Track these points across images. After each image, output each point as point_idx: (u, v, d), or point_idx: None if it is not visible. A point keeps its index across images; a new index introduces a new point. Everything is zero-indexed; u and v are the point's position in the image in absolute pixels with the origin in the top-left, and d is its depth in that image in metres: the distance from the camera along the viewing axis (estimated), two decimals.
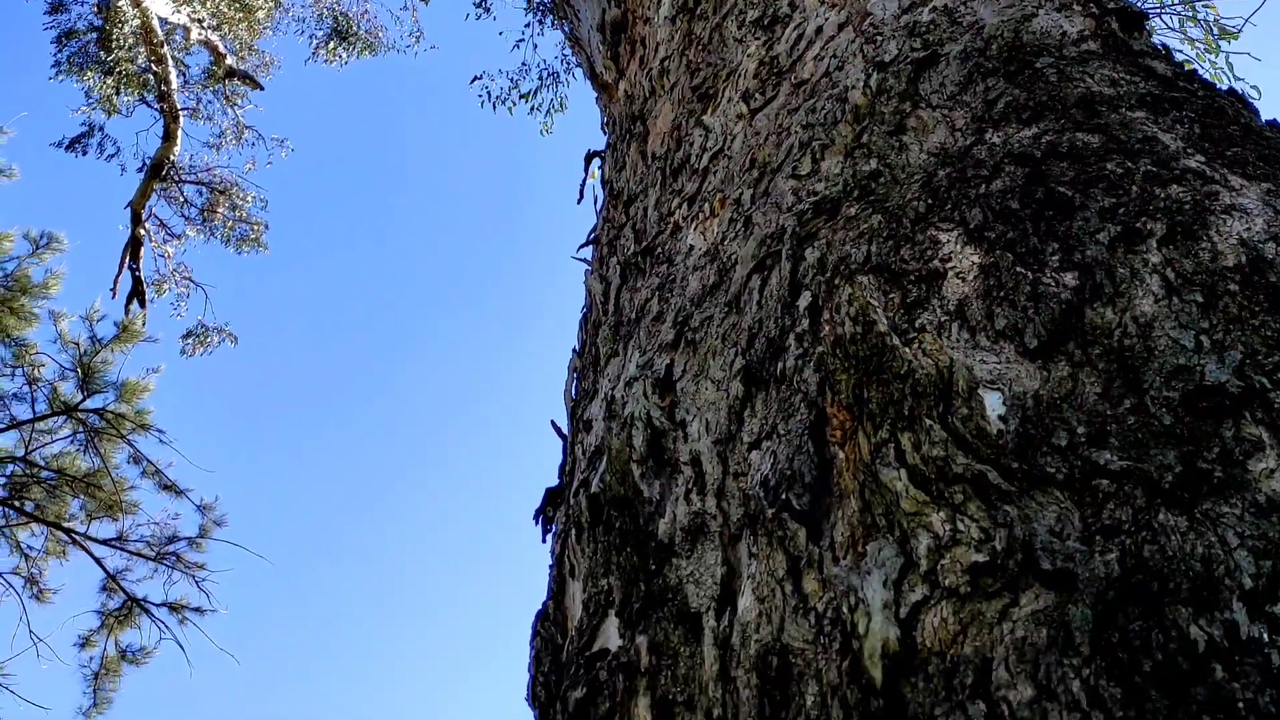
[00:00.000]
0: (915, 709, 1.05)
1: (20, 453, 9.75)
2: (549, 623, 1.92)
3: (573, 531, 1.96)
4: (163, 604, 10.58)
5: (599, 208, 3.58)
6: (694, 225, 2.37)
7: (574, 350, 3.04)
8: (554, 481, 2.57)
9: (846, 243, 1.70)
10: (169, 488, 10.71)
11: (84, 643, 10.54)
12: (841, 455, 1.36)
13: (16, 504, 9.66)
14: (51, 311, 10.21)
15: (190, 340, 12.48)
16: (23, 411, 9.98)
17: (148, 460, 10.60)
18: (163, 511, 11.04)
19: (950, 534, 1.15)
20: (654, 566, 1.58)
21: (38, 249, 10.01)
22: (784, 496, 1.39)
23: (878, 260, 1.60)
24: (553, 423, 3.08)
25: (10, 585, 10.10)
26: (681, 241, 2.37)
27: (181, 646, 10.48)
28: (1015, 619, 1.04)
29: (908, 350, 1.37)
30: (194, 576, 10.68)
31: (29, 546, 10.33)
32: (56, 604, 10.68)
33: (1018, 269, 1.43)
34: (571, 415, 2.67)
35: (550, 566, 2.08)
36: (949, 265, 1.52)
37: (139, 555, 10.53)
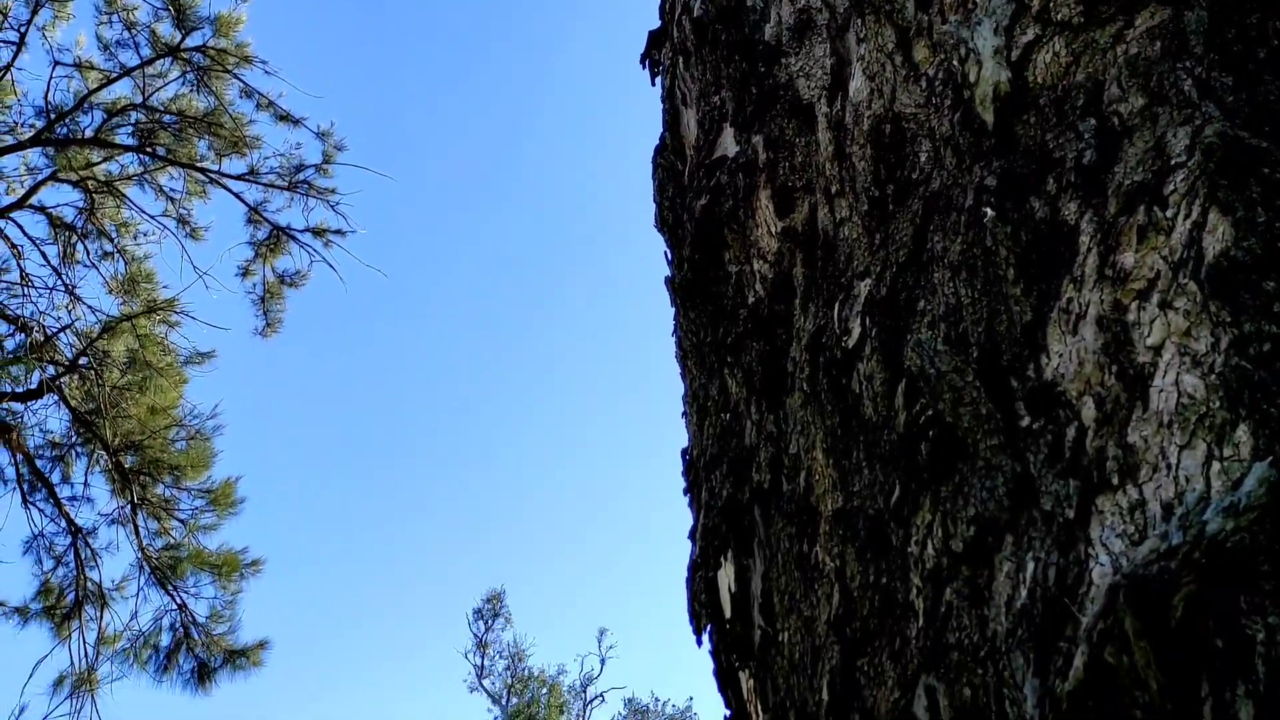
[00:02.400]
0: (1026, 141, 1.09)
1: (138, 99, 10.03)
2: (667, 153, 1.99)
3: (680, 61, 1.97)
4: (305, 229, 11.22)
5: None
6: None
7: None
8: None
9: None
10: (285, 118, 10.96)
11: (244, 272, 11.39)
12: None
13: (149, 150, 10.09)
14: None
15: None
16: (130, 58, 10.13)
17: (259, 93, 10.77)
18: (284, 142, 11.38)
19: None
20: (763, 69, 1.59)
21: None
22: None
23: None
24: None
25: (165, 227, 10.81)
26: None
27: (332, 266, 11.22)
28: (1129, 39, 1.04)
29: None
30: (327, 201, 11.19)
31: (171, 190, 10.91)
32: (210, 241, 11.43)
33: None
34: None
35: (662, 102, 2.12)
36: None
37: (273, 186, 11.03)
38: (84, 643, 9.40)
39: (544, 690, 34.52)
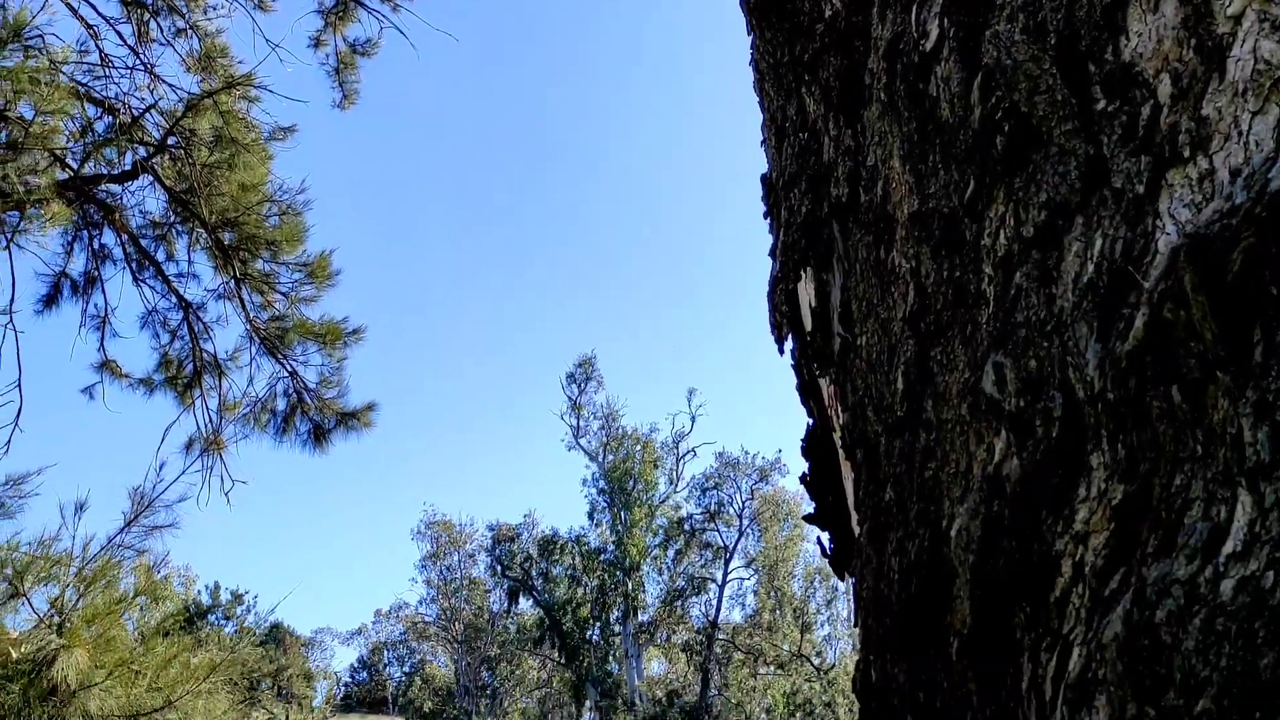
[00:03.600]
0: None
1: None
2: None
3: None
4: None
5: None
6: None
7: None
8: None
9: None
10: None
11: (315, 43, 11.26)
12: None
13: None
14: None
15: None
16: None
17: None
18: None
19: None
20: None
21: None
22: None
23: None
24: None
25: None
26: None
27: (402, 32, 11.02)
28: None
29: None
30: None
31: None
32: (279, 12, 11.27)
33: None
34: None
35: None
36: None
37: None
38: (207, 409, 10.08)
39: (638, 447, 36.09)
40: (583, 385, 37.90)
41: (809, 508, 1.73)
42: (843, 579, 1.58)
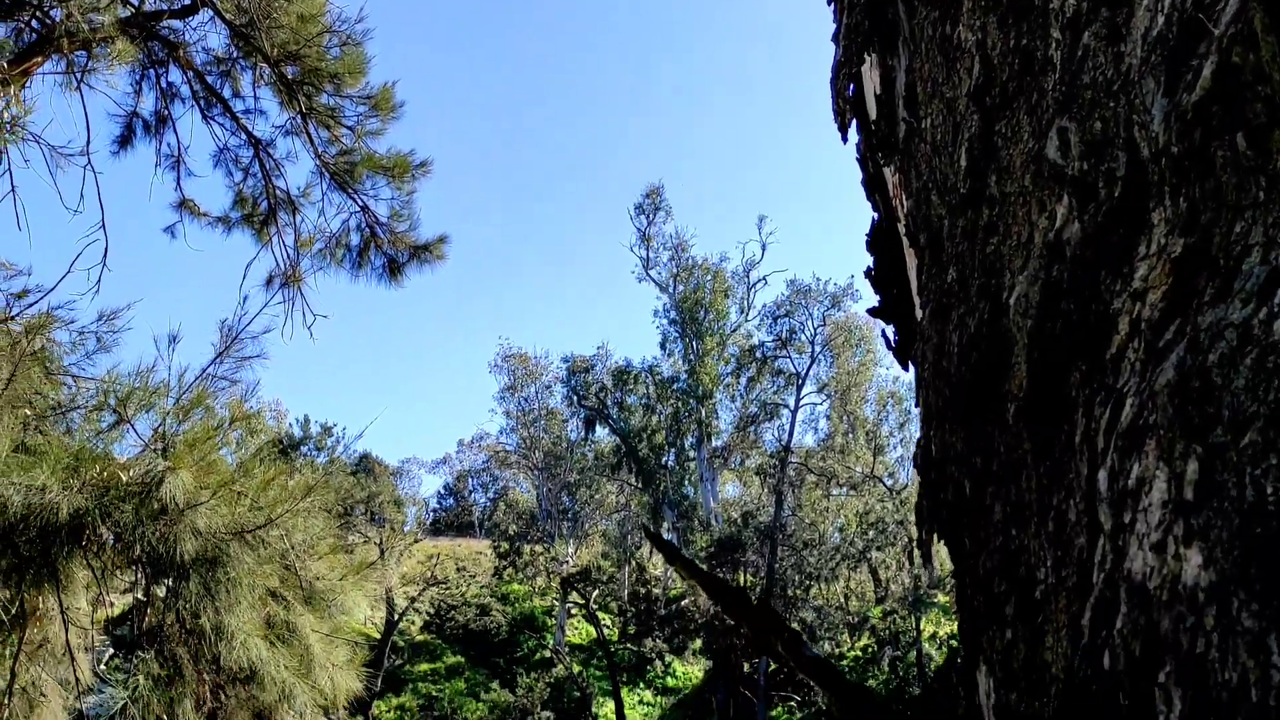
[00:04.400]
0: None
1: None
2: None
3: None
4: None
5: None
6: None
7: None
8: None
9: None
10: None
11: None
12: None
13: None
14: None
15: None
16: None
17: None
18: None
19: None
20: None
21: None
22: None
23: None
24: None
25: None
26: None
27: None
28: None
29: None
30: None
31: None
32: None
33: None
34: None
35: None
36: None
37: None
38: (284, 245, 10.30)
39: (708, 277, 36.09)
40: (651, 216, 37.71)
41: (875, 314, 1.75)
42: (905, 368, 1.61)
